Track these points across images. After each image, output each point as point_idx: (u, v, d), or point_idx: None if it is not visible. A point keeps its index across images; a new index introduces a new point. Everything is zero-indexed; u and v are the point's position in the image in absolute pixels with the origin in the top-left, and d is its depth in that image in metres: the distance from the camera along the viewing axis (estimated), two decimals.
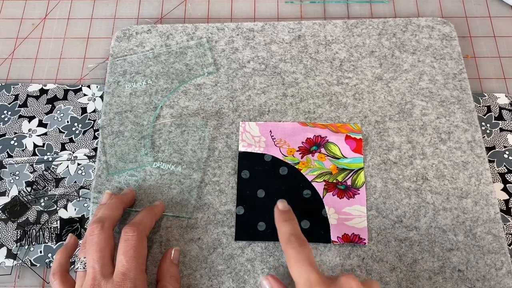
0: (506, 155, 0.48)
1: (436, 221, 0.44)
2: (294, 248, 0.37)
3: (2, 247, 0.45)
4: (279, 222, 0.40)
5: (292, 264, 0.36)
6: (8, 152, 0.49)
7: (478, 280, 0.42)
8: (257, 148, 0.47)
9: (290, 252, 0.37)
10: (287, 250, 0.37)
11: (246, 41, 0.53)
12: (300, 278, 0.35)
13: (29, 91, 0.52)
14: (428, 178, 0.45)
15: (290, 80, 0.50)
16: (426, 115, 0.48)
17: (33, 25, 0.57)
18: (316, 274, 0.35)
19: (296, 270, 0.36)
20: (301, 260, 0.36)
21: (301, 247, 0.37)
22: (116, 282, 0.36)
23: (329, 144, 0.47)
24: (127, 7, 0.58)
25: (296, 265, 0.36)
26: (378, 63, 0.51)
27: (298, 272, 0.36)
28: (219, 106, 0.49)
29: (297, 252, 0.37)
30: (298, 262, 0.36)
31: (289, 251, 0.37)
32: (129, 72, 0.51)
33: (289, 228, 0.39)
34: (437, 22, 0.53)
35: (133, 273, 0.36)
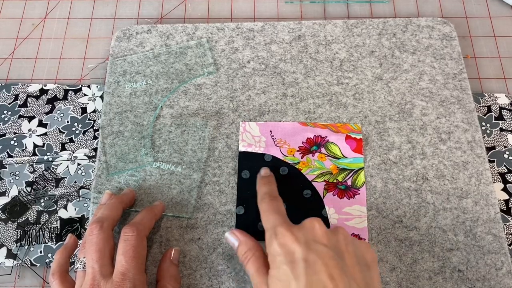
0: (506, 155, 0.48)
1: (436, 221, 0.44)
2: (266, 202, 0.39)
3: (2, 247, 0.45)
4: (259, 186, 0.42)
5: (262, 215, 0.38)
6: (8, 152, 0.49)
7: (478, 280, 0.42)
8: (257, 148, 0.47)
9: (262, 206, 0.39)
10: (260, 205, 0.40)
11: (246, 41, 0.53)
12: (267, 224, 0.37)
13: (29, 91, 0.52)
14: (428, 178, 0.45)
15: (290, 80, 0.50)
16: (426, 115, 0.48)
17: (33, 25, 0.57)
18: (282, 219, 0.37)
19: (265, 219, 0.38)
20: (270, 209, 0.38)
21: (271, 201, 0.39)
22: (116, 282, 0.36)
23: (329, 144, 0.47)
24: (127, 7, 0.58)
25: (265, 214, 0.38)
26: (378, 63, 0.51)
27: (266, 220, 0.38)
28: (219, 106, 0.49)
29: (267, 204, 0.39)
30: (267, 211, 0.38)
31: (261, 205, 0.39)
32: (129, 72, 0.51)
33: (265, 189, 0.41)
34: (437, 22, 0.53)
35: (132, 273, 0.36)
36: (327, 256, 0.33)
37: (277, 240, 0.35)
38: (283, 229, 0.35)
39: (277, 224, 0.36)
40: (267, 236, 0.36)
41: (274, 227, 0.36)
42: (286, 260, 0.34)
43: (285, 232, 0.35)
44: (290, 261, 0.33)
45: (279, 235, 0.35)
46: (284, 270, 0.33)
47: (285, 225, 0.36)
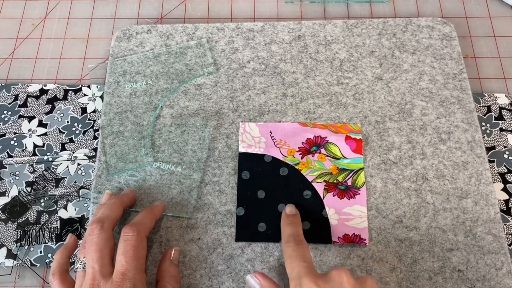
0: (506, 155, 0.48)
1: (436, 221, 0.44)
2: (290, 246, 0.38)
3: (2, 247, 0.45)
4: (283, 225, 0.42)
5: (286, 261, 0.37)
6: (8, 152, 0.49)
7: (478, 280, 0.42)
8: (257, 148, 0.47)
9: (286, 250, 0.38)
10: (284, 249, 0.39)
11: (246, 41, 0.53)
12: (292, 272, 0.36)
13: (29, 91, 0.52)
14: (428, 178, 0.45)
15: (290, 80, 0.50)
16: (426, 115, 0.48)
17: (33, 25, 0.57)
18: (308, 268, 0.35)
19: (290, 266, 0.37)
20: (296, 256, 0.37)
21: (297, 246, 0.38)
22: (116, 282, 0.36)
23: (329, 145, 0.47)
24: (127, 7, 0.58)
25: (290, 260, 0.37)
26: (378, 63, 0.51)
27: (291, 267, 0.36)
28: (219, 106, 0.49)
29: (292, 250, 0.38)
30: (292, 258, 0.37)
31: (286, 249, 0.38)
32: (129, 72, 0.51)
33: (290, 230, 0.40)
34: (437, 22, 0.53)
35: (132, 273, 0.36)
36: None
37: None
38: (309, 281, 0.34)
39: (302, 275, 0.35)
40: (291, 286, 0.35)
41: (299, 278, 0.35)
42: None
43: (311, 285, 0.34)
44: None
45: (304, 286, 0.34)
46: None
47: (311, 277, 0.34)
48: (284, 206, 0.44)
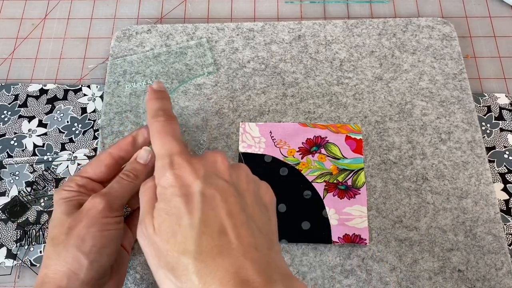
0: (506, 155, 0.48)
1: (436, 221, 0.44)
2: (160, 121, 0.34)
3: (2, 247, 0.45)
4: (149, 100, 0.37)
5: (155, 137, 0.34)
6: (8, 152, 0.49)
7: (478, 280, 0.42)
8: (257, 149, 0.47)
9: (155, 125, 0.34)
10: (152, 124, 0.35)
11: (246, 41, 0.53)
12: (162, 149, 0.33)
13: (29, 91, 0.52)
14: (428, 178, 0.45)
15: (290, 80, 0.50)
16: (426, 115, 0.48)
17: (33, 25, 0.57)
18: (180, 146, 0.33)
19: (159, 142, 0.33)
20: (166, 132, 0.34)
21: (168, 121, 0.35)
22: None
23: (329, 145, 0.47)
24: (127, 7, 0.58)
25: (159, 136, 0.34)
26: (378, 63, 0.51)
27: (160, 144, 0.33)
28: (219, 106, 0.49)
29: (162, 126, 0.34)
30: (162, 133, 0.34)
31: (155, 124, 0.34)
32: (129, 72, 0.51)
33: (159, 104, 0.36)
34: (437, 22, 0.53)
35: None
36: (227, 192, 0.30)
37: (173, 170, 0.31)
38: (181, 159, 0.31)
39: (174, 152, 0.32)
40: (158, 164, 0.32)
41: (170, 155, 0.32)
42: (181, 193, 0.30)
43: (183, 163, 0.31)
44: (184, 194, 0.30)
45: (176, 165, 0.31)
46: (176, 202, 0.29)
47: (184, 155, 0.32)
48: (284, 206, 0.44)
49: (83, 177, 0.38)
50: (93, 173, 0.39)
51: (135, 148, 0.40)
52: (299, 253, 0.43)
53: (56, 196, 0.37)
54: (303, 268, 0.42)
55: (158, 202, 0.31)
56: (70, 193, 0.37)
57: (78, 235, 0.34)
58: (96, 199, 0.36)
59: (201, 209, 0.29)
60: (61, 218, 0.35)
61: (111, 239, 0.36)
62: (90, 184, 0.38)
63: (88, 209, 0.35)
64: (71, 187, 0.37)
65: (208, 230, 0.28)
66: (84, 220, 0.35)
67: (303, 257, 0.43)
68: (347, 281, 0.42)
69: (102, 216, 0.35)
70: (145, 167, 0.39)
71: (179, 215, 0.29)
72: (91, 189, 0.38)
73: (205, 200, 0.29)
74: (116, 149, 0.39)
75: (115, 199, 0.37)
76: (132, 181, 0.38)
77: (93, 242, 0.34)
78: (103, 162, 0.39)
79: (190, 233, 0.28)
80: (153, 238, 0.30)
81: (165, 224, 0.29)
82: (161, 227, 0.29)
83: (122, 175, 0.38)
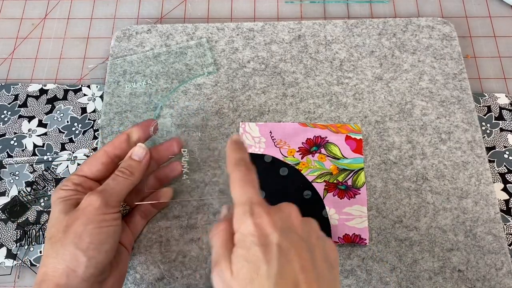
0: (506, 155, 0.48)
1: (436, 221, 0.44)
2: (242, 170, 0.35)
3: (2, 247, 0.45)
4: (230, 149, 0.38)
5: (235, 185, 0.35)
6: (8, 152, 0.49)
7: (478, 280, 0.42)
8: (257, 149, 0.47)
9: (237, 173, 0.35)
10: (234, 172, 0.35)
11: (246, 41, 0.53)
12: (243, 196, 0.33)
13: (29, 91, 0.52)
14: (428, 178, 0.45)
15: (290, 80, 0.50)
16: (426, 115, 0.48)
17: (33, 25, 0.57)
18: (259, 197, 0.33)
19: (240, 190, 0.34)
20: (247, 181, 0.34)
21: (248, 171, 0.35)
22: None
23: (329, 145, 0.47)
24: (127, 7, 0.58)
25: (240, 184, 0.34)
26: (378, 63, 0.51)
27: (241, 192, 0.34)
28: (219, 106, 0.49)
29: (244, 175, 0.35)
30: (243, 182, 0.34)
31: (236, 172, 0.35)
32: (129, 72, 0.51)
33: (240, 155, 0.37)
34: (437, 22, 0.53)
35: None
36: (300, 247, 0.31)
37: (253, 219, 0.32)
38: (261, 209, 0.32)
39: (254, 202, 0.33)
40: (239, 211, 0.33)
41: (251, 204, 0.33)
42: (259, 242, 0.31)
43: (263, 213, 0.32)
44: (263, 244, 0.31)
45: (255, 214, 0.32)
46: (255, 251, 0.31)
47: (263, 205, 0.33)
48: None
49: (79, 175, 0.39)
50: (90, 171, 0.39)
51: (130, 145, 0.41)
52: None
53: (53, 196, 0.38)
54: None
55: (236, 247, 0.32)
56: (67, 192, 0.37)
57: (75, 232, 0.35)
58: (93, 197, 0.36)
59: (278, 260, 0.30)
60: (58, 217, 0.36)
61: (108, 236, 0.36)
62: (87, 182, 0.39)
63: (85, 207, 0.36)
64: (68, 186, 0.38)
65: (283, 282, 0.30)
66: (81, 218, 0.35)
67: None
68: (347, 281, 0.42)
69: (99, 213, 0.36)
70: (140, 164, 0.40)
71: (257, 264, 0.30)
72: (88, 187, 0.38)
73: (281, 252, 0.31)
74: (111, 147, 0.40)
75: (111, 195, 0.37)
76: (127, 177, 0.39)
77: (91, 239, 0.35)
78: (99, 160, 0.39)
79: (267, 282, 0.29)
80: (230, 283, 0.31)
81: (243, 271, 0.30)
82: (239, 273, 0.31)
83: (118, 172, 0.39)
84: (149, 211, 0.44)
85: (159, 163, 0.43)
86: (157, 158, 0.42)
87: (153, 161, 0.42)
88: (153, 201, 0.43)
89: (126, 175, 0.39)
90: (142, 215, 0.43)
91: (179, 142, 0.44)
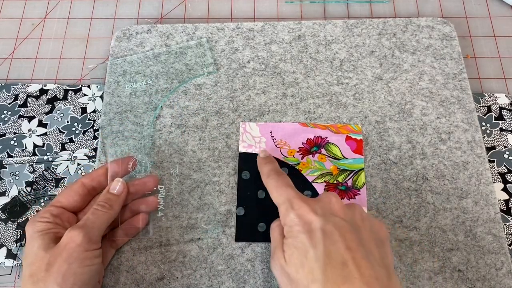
0: (506, 155, 0.48)
1: (436, 221, 0.44)
2: (273, 178, 0.40)
3: (2, 247, 0.45)
4: (260, 165, 0.43)
5: (272, 191, 0.39)
6: (8, 152, 0.49)
7: (478, 280, 0.42)
8: (258, 149, 0.47)
9: (270, 182, 0.40)
10: (268, 182, 0.40)
11: (246, 41, 0.53)
12: (281, 198, 0.37)
13: (29, 91, 0.52)
14: (428, 178, 0.45)
15: (290, 80, 0.50)
16: (426, 115, 0.48)
17: (33, 25, 0.57)
18: (295, 192, 0.37)
19: (276, 194, 0.38)
20: (280, 184, 0.38)
21: (279, 176, 0.40)
22: None
23: (329, 145, 0.47)
24: (127, 7, 0.58)
25: (276, 189, 0.38)
26: (378, 63, 0.51)
27: (278, 195, 0.38)
28: (219, 106, 0.49)
29: (276, 180, 0.39)
30: (278, 186, 0.38)
31: (270, 181, 0.40)
32: (129, 72, 0.51)
33: (270, 166, 0.42)
34: (437, 22, 0.53)
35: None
36: (344, 228, 0.34)
37: (294, 211, 0.35)
38: (299, 201, 0.36)
39: (292, 197, 0.36)
40: (282, 209, 0.36)
41: (289, 200, 0.36)
42: (304, 230, 0.34)
43: (301, 204, 0.35)
44: (307, 231, 0.34)
45: (295, 206, 0.35)
46: (302, 238, 0.34)
47: (300, 197, 0.36)
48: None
49: (57, 206, 0.39)
50: (67, 202, 0.39)
51: (107, 179, 0.41)
52: None
53: (30, 229, 0.37)
54: None
55: (286, 238, 0.35)
56: (46, 224, 0.37)
57: (58, 271, 0.34)
58: (74, 232, 0.36)
59: (323, 243, 0.33)
60: (38, 254, 0.35)
61: (91, 276, 0.37)
62: (65, 214, 0.39)
63: (67, 243, 0.36)
64: (46, 218, 0.37)
65: (331, 262, 0.32)
66: (64, 255, 0.35)
67: None
68: None
69: (81, 250, 0.36)
70: (119, 197, 0.40)
71: (305, 249, 0.33)
72: (66, 219, 0.39)
73: (325, 235, 0.33)
74: (88, 179, 0.41)
75: (93, 230, 0.37)
76: (107, 211, 0.39)
77: (74, 279, 0.35)
78: (77, 191, 0.40)
79: (316, 264, 0.32)
80: (286, 269, 0.34)
81: (294, 256, 0.34)
82: (291, 259, 0.34)
83: (97, 206, 0.39)
84: (121, 241, 0.43)
85: (134, 198, 0.43)
86: (133, 192, 0.42)
87: (129, 195, 0.42)
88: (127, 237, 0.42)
89: (105, 209, 0.39)
90: (113, 245, 0.42)
91: (156, 179, 0.44)
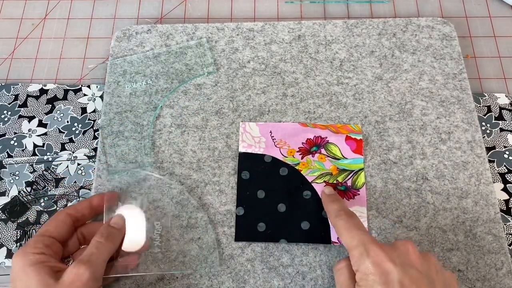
0: (506, 155, 0.48)
1: (436, 221, 0.44)
2: (343, 219, 0.38)
3: (2, 247, 0.45)
4: (326, 203, 0.41)
5: (343, 232, 0.37)
6: (8, 152, 0.49)
7: (478, 280, 0.42)
8: (257, 148, 0.47)
9: (340, 223, 0.38)
10: (337, 223, 0.38)
11: (246, 41, 0.53)
12: (353, 241, 0.35)
13: (29, 91, 0.52)
14: (428, 178, 0.45)
15: (290, 80, 0.50)
16: (426, 115, 0.48)
17: (33, 25, 0.57)
18: (369, 237, 0.35)
19: (348, 236, 0.36)
20: (352, 226, 0.36)
21: (350, 217, 0.38)
22: None
23: (329, 145, 0.47)
24: (127, 7, 0.58)
25: (347, 231, 0.36)
26: (378, 63, 0.51)
27: (350, 237, 0.36)
28: (219, 106, 0.49)
29: (346, 222, 0.37)
30: (349, 228, 0.36)
31: (339, 222, 0.38)
32: (129, 72, 0.51)
33: (337, 205, 0.40)
34: (437, 22, 0.53)
35: None
36: (421, 283, 0.33)
37: (370, 258, 0.33)
38: (376, 248, 0.34)
39: (367, 242, 0.34)
40: (355, 253, 0.34)
41: (364, 245, 0.34)
42: (381, 281, 0.32)
43: (378, 251, 0.33)
44: (384, 282, 0.32)
45: (372, 253, 0.33)
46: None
47: (376, 244, 0.34)
48: (284, 206, 0.44)
49: (48, 236, 0.37)
50: (57, 232, 0.38)
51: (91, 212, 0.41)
52: (299, 253, 0.43)
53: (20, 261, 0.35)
54: (303, 268, 0.42)
55: (358, 285, 0.34)
56: (41, 256, 0.35)
57: None
58: (80, 269, 0.35)
59: None
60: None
61: None
62: (55, 244, 0.38)
63: (72, 281, 0.34)
64: (39, 248, 0.36)
65: None
66: None
67: (303, 257, 0.43)
68: None
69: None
70: (120, 232, 0.40)
71: None
72: (55, 250, 0.37)
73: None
74: (73, 211, 0.40)
75: (97, 266, 0.36)
76: (111, 245, 0.39)
77: None
78: (64, 222, 0.39)
79: None
80: None
81: None
82: None
83: (101, 239, 0.38)
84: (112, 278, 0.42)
85: None
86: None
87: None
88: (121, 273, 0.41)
89: (109, 243, 0.38)
90: None
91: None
